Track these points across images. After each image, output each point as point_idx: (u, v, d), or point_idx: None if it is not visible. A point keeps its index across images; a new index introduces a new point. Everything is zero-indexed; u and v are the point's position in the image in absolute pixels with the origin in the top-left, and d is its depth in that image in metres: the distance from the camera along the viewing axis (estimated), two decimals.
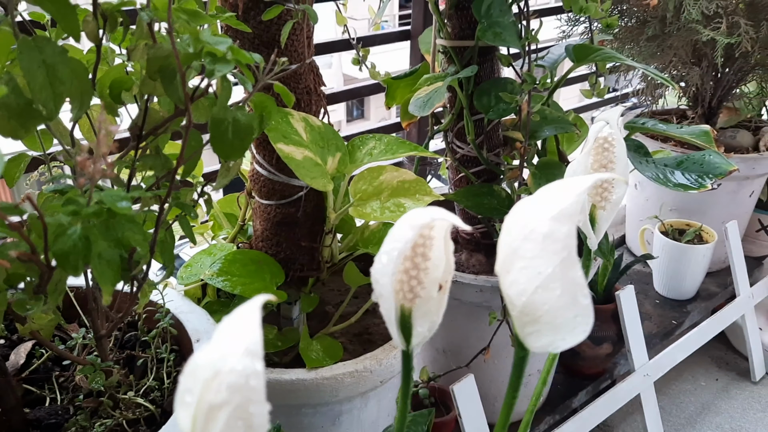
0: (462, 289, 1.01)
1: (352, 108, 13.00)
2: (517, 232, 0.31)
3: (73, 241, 0.35)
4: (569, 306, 0.31)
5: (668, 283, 1.52)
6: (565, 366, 1.28)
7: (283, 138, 0.67)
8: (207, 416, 0.25)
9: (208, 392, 0.25)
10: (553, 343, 0.33)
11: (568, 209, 0.30)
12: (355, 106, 13.06)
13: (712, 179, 0.86)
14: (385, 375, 0.83)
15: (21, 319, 0.53)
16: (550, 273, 0.30)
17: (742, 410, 1.43)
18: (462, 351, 1.09)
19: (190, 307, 0.79)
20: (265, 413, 0.26)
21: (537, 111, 0.96)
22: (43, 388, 0.73)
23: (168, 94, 0.45)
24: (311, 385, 0.78)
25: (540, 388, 0.57)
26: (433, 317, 0.38)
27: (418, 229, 0.34)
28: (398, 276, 0.36)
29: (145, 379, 0.73)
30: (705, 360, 1.59)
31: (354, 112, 13.11)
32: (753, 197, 1.56)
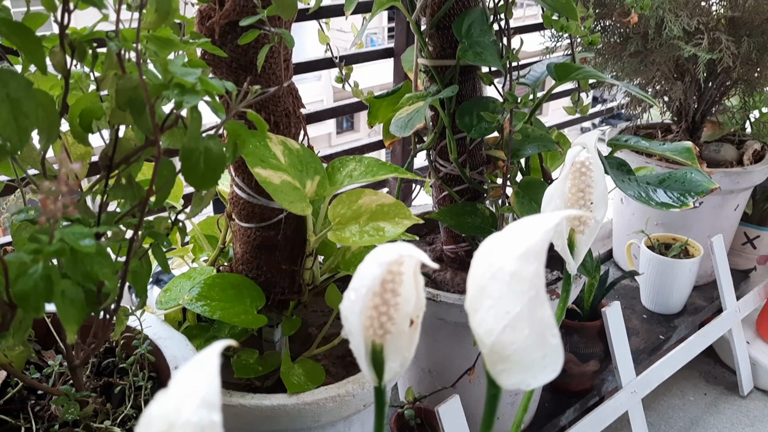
0: (446, 309, 1.00)
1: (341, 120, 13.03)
2: (484, 270, 0.31)
3: (34, 281, 0.34)
4: (538, 346, 0.30)
5: (655, 298, 1.52)
6: (553, 384, 1.27)
7: (261, 162, 0.66)
8: None
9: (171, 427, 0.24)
10: (524, 381, 0.33)
11: (534, 247, 0.30)
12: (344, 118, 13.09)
13: (694, 197, 0.86)
14: (369, 398, 0.82)
15: None
16: (518, 313, 0.30)
17: (731, 425, 1.43)
18: (447, 371, 1.08)
19: (169, 332, 0.78)
20: None
21: (519, 129, 0.96)
22: (18, 418, 0.72)
23: (138, 125, 0.45)
24: (293, 410, 0.77)
25: (521, 415, 0.56)
26: (405, 353, 0.37)
27: (386, 265, 0.33)
28: (368, 312, 0.35)
29: (122, 408, 0.72)
30: (693, 375, 1.58)
31: (344, 124, 13.14)
32: (738, 211, 1.56)
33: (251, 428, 0.79)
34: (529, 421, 1.21)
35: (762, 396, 1.52)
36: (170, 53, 0.49)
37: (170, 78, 0.43)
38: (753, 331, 1.60)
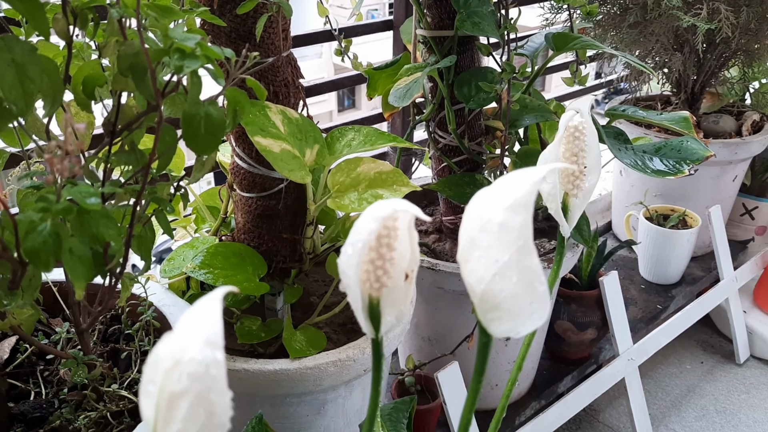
0: (445, 277, 1.02)
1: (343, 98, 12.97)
2: (475, 222, 0.32)
3: (43, 237, 0.35)
4: (526, 293, 0.32)
5: (653, 269, 1.54)
6: (551, 352, 1.30)
7: (261, 131, 0.67)
8: (169, 405, 0.26)
9: (169, 382, 0.26)
10: (514, 329, 0.34)
11: (522, 199, 0.31)
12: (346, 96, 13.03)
13: (689, 165, 0.87)
14: (369, 363, 0.83)
15: (1, 315, 0.53)
16: (506, 261, 0.31)
17: (727, 392, 1.45)
18: (447, 339, 1.10)
19: (173, 300, 0.79)
20: (226, 401, 0.26)
21: (517, 100, 0.97)
22: (27, 383, 0.74)
23: (140, 90, 0.46)
24: (295, 374, 0.79)
25: (515, 373, 0.58)
26: (401, 306, 0.39)
27: (381, 220, 0.35)
28: (364, 266, 0.37)
29: (129, 372, 0.74)
30: (690, 343, 1.60)
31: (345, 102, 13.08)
32: (736, 182, 1.57)
33: (255, 392, 0.81)
34: (527, 388, 1.23)
35: (758, 364, 1.54)
36: (170, 22, 0.50)
37: (170, 43, 0.44)
38: (750, 300, 1.62)
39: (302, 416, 0.86)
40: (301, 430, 0.87)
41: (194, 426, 0.26)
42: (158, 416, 0.26)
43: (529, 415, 1.19)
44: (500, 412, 0.56)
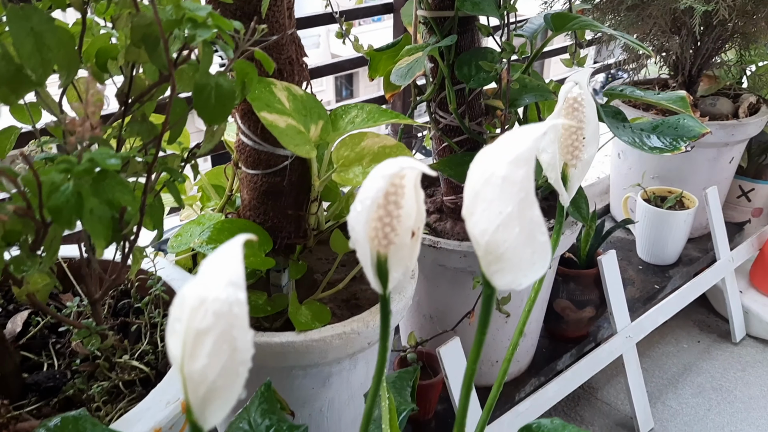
0: (447, 255, 1.04)
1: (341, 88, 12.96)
2: (479, 176, 0.34)
3: (66, 196, 0.37)
4: (528, 243, 0.33)
5: (650, 249, 1.56)
6: (550, 330, 1.32)
7: (267, 107, 0.69)
8: (194, 342, 0.28)
9: (195, 319, 0.28)
10: (516, 280, 0.36)
11: (524, 154, 0.33)
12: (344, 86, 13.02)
13: (686, 142, 0.89)
14: (373, 337, 0.85)
15: (18, 282, 0.55)
16: (509, 212, 0.33)
17: (723, 370, 1.48)
18: (448, 316, 1.12)
19: (181, 274, 0.81)
20: (248, 338, 0.28)
21: (517, 79, 0.98)
22: (40, 355, 0.76)
23: (152, 61, 0.47)
24: (301, 347, 0.81)
25: (516, 337, 0.59)
26: (407, 262, 0.40)
27: (389, 178, 0.36)
28: (372, 224, 0.38)
29: (139, 344, 0.76)
30: (687, 323, 1.63)
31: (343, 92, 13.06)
32: (733, 164, 1.59)
33: (261, 365, 0.83)
34: (527, 365, 1.25)
35: (754, 343, 1.56)
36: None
37: (182, 14, 0.45)
38: (746, 280, 1.64)
39: (308, 389, 0.88)
40: (307, 402, 0.89)
41: (219, 361, 0.28)
42: (185, 353, 0.28)
43: (528, 391, 1.21)
44: (498, 384, 0.57)
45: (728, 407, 1.37)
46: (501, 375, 0.58)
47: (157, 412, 0.61)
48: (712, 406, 1.38)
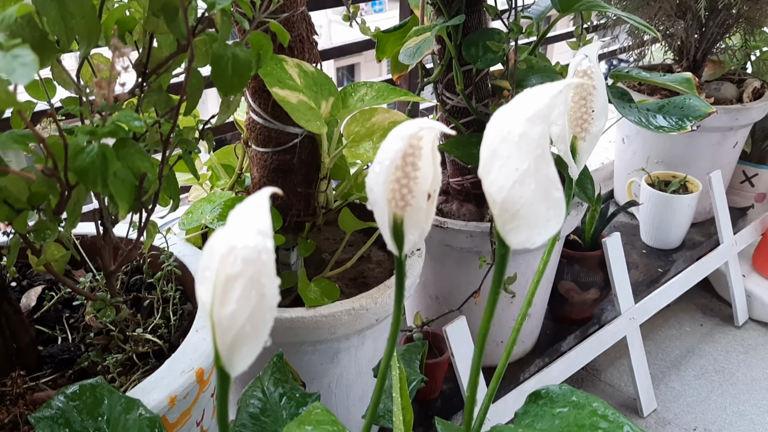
0: (453, 235, 1.05)
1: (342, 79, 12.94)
2: (496, 134, 0.35)
3: (92, 158, 0.38)
4: (543, 199, 0.34)
5: (654, 234, 1.57)
6: (554, 312, 1.33)
7: (278, 82, 0.69)
8: (224, 288, 0.29)
9: (225, 266, 0.29)
10: (530, 239, 0.37)
11: (541, 111, 0.33)
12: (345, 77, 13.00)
13: (692, 121, 0.90)
14: (381, 313, 0.86)
15: (36, 252, 0.56)
16: (526, 169, 0.34)
17: (726, 353, 1.49)
18: (453, 296, 1.13)
19: (192, 251, 0.82)
20: (275, 286, 0.29)
21: (523, 60, 0.99)
22: (54, 329, 0.77)
23: (171, 31, 0.48)
24: (310, 322, 0.82)
25: (525, 308, 0.60)
26: (423, 225, 0.41)
27: (407, 139, 0.37)
28: (390, 185, 0.39)
29: (151, 318, 0.77)
30: (690, 307, 1.64)
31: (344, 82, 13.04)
32: (737, 148, 1.59)
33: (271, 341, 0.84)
34: (531, 346, 1.26)
35: (756, 326, 1.57)
36: None
37: None
38: (749, 265, 1.65)
39: (317, 365, 0.89)
40: (316, 378, 0.90)
41: (247, 307, 0.29)
42: (215, 298, 0.29)
43: (533, 371, 1.22)
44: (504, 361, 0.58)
45: (730, 389, 1.39)
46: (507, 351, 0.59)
47: (172, 381, 0.62)
48: (714, 387, 1.39)
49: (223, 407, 0.32)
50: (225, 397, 0.32)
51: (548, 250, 0.62)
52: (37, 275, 0.84)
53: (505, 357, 0.58)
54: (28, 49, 0.28)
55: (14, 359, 0.70)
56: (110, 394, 0.58)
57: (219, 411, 0.32)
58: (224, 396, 0.32)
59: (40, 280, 0.83)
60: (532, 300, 0.61)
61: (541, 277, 0.60)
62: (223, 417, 0.32)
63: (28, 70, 0.27)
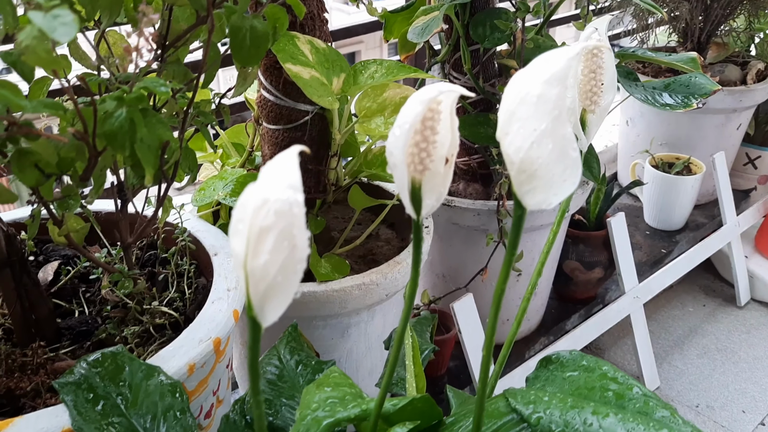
0: (460, 213, 1.06)
1: None
2: (514, 96, 0.36)
3: (120, 122, 0.39)
4: (560, 159, 0.36)
5: (658, 215, 1.58)
6: (559, 292, 1.34)
7: (291, 58, 0.70)
8: (258, 239, 0.30)
9: (258, 218, 0.30)
10: (546, 199, 0.38)
11: (558, 73, 0.34)
12: None
13: (697, 99, 0.91)
14: (390, 289, 0.88)
15: (58, 223, 0.57)
16: (543, 129, 0.35)
17: (728, 332, 1.51)
18: (460, 275, 1.14)
19: (206, 226, 0.84)
20: (306, 237, 0.30)
21: (530, 39, 1.00)
22: (71, 303, 0.78)
23: (191, 2, 0.49)
24: (322, 296, 0.83)
25: (535, 278, 0.62)
26: (440, 189, 0.43)
27: (427, 103, 0.38)
28: (409, 149, 0.40)
29: (166, 292, 0.78)
30: (693, 288, 1.65)
31: None
32: (740, 130, 1.60)
33: (283, 315, 0.85)
34: (537, 325, 1.28)
35: (758, 306, 1.59)
36: None
37: None
38: (752, 246, 1.67)
39: (327, 339, 0.90)
40: (326, 352, 0.92)
41: (279, 257, 0.30)
42: (248, 250, 0.30)
43: (538, 349, 1.24)
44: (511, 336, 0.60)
45: (733, 367, 1.40)
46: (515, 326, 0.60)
47: (191, 349, 0.63)
48: (716, 366, 1.41)
49: (255, 357, 0.33)
50: (256, 346, 0.33)
51: (558, 221, 0.63)
52: (53, 251, 0.85)
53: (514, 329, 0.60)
54: (67, 9, 0.29)
55: (33, 331, 0.72)
56: (131, 361, 0.60)
57: (250, 360, 0.33)
58: (256, 346, 0.33)
59: (56, 255, 0.85)
60: (541, 270, 0.63)
61: (550, 249, 0.62)
62: (254, 366, 0.34)
63: (69, 29, 0.28)
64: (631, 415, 0.47)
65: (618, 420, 0.46)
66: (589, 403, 0.48)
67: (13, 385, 0.65)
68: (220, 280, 0.74)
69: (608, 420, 0.46)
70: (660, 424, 0.46)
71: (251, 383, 0.35)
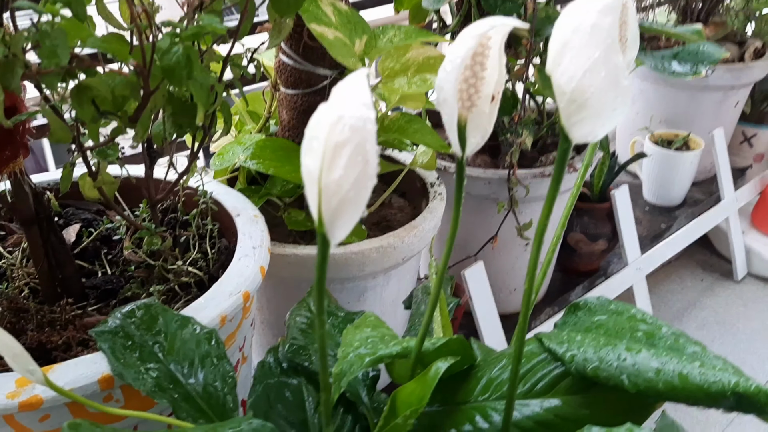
0: (471, 182, 1.08)
1: None
2: (567, 27, 0.37)
3: (177, 57, 0.40)
4: (612, 87, 0.37)
5: (657, 191, 1.60)
6: (563, 264, 1.36)
7: (316, 19, 0.71)
8: (333, 154, 0.31)
9: (333, 133, 0.31)
10: (594, 131, 0.39)
11: (612, 3, 0.36)
12: None
13: (706, 66, 0.93)
14: (407, 252, 0.89)
15: (93, 174, 0.58)
16: (597, 57, 0.36)
17: (726, 306, 1.54)
18: (469, 244, 1.16)
19: (226, 189, 0.84)
20: (376, 153, 0.32)
21: (541, 9, 1.01)
22: (93, 265, 0.79)
23: None
24: (341, 259, 0.84)
25: (550, 254, 0.63)
26: (486, 127, 0.44)
27: (479, 38, 0.39)
28: (458, 85, 0.42)
29: (189, 254, 0.79)
30: (691, 263, 1.68)
31: None
32: (738, 107, 1.63)
33: (303, 277, 0.87)
34: (541, 297, 1.30)
35: (755, 281, 1.62)
36: None
37: None
38: (748, 222, 1.70)
39: (344, 303, 0.92)
40: None
41: (353, 172, 0.31)
42: (323, 165, 0.32)
43: (543, 319, 1.26)
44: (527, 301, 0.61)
45: (731, 339, 1.43)
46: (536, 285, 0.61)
47: (222, 301, 0.64)
48: (715, 338, 1.44)
49: (322, 274, 0.35)
50: (324, 263, 0.34)
51: (577, 185, 0.65)
52: (73, 214, 0.86)
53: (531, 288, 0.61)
54: None
55: (59, 290, 0.72)
56: (164, 312, 0.61)
57: (317, 278, 0.35)
58: (323, 264, 0.34)
59: (77, 219, 0.85)
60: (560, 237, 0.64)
61: (569, 215, 0.63)
62: (321, 284, 0.35)
63: None
64: (663, 350, 0.48)
65: (651, 355, 0.48)
66: (621, 341, 0.50)
67: (45, 339, 0.66)
68: (245, 239, 0.75)
69: (641, 355, 0.48)
70: (692, 357, 0.48)
71: (317, 302, 0.36)
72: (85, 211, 0.87)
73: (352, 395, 0.55)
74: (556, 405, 0.50)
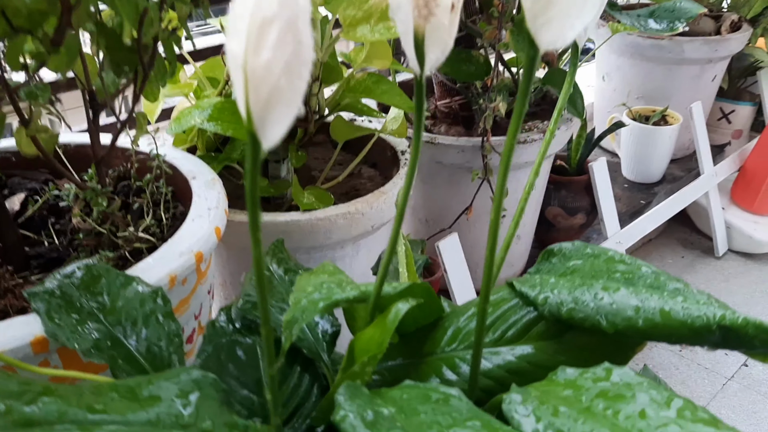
0: (444, 150, 1.04)
1: None
2: None
3: None
4: None
5: (636, 167, 1.58)
6: (541, 238, 1.33)
7: None
8: (259, 32, 0.27)
9: (260, 8, 0.27)
10: (563, 33, 0.35)
11: None
12: None
13: (683, 23, 0.90)
14: (376, 220, 0.85)
15: (25, 122, 0.53)
16: None
17: (707, 281, 1.51)
18: (443, 218, 1.12)
19: (182, 154, 0.80)
20: (311, 34, 0.27)
21: None
22: (39, 235, 0.74)
23: None
24: (306, 225, 0.80)
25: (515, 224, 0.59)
26: (446, 40, 0.40)
27: None
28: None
29: (142, 221, 0.74)
30: (671, 241, 1.66)
31: None
32: (715, 82, 1.61)
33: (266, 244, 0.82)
34: (521, 270, 1.26)
35: (735, 257, 1.60)
36: None
37: None
38: (728, 198, 1.68)
39: None
40: None
41: (283, 54, 0.27)
42: (248, 46, 0.27)
43: None
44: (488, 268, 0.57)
45: None
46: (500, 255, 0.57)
47: (171, 261, 0.60)
48: None
49: (254, 180, 0.30)
50: (256, 171, 0.30)
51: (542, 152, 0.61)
52: (19, 184, 0.81)
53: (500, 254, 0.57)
54: None
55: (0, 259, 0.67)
56: (107, 272, 0.56)
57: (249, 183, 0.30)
58: (255, 170, 0.30)
59: (22, 188, 0.80)
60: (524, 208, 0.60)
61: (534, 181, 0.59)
62: (253, 190, 0.30)
63: None
64: (643, 288, 0.45)
65: (630, 292, 0.44)
66: (598, 281, 0.46)
67: None
68: (200, 200, 0.70)
69: (620, 293, 0.44)
70: (674, 293, 0.44)
71: (253, 243, 0.32)
72: (32, 180, 0.82)
73: (310, 352, 0.51)
74: (529, 352, 0.46)
